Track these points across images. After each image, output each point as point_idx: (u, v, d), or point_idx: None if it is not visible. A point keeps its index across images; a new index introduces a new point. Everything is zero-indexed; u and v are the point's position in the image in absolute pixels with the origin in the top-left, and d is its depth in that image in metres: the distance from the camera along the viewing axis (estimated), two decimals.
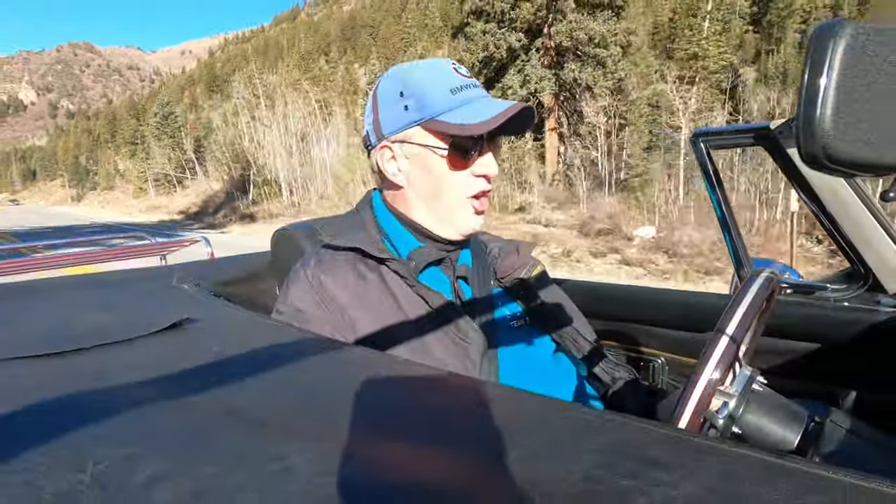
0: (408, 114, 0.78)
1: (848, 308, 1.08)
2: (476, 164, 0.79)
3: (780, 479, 0.31)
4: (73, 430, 0.37)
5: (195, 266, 1.27)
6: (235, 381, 0.47)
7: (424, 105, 0.76)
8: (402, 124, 0.79)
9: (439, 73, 0.79)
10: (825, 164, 0.35)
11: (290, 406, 0.43)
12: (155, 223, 26.25)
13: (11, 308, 0.81)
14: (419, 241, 0.82)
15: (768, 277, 0.64)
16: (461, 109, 0.76)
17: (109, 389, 0.46)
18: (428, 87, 0.77)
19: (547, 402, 0.44)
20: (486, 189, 0.81)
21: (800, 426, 0.62)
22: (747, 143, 1.17)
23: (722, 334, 0.57)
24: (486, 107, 0.75)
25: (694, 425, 0.54)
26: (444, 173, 0.79)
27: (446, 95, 0.76)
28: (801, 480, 0.31)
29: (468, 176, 0.79)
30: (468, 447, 0.37)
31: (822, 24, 0.34)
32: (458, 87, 0.77)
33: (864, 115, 0.34)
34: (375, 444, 0.37)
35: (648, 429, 0.38)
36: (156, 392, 0.45)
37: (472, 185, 0.80)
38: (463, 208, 0.80)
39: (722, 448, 0.35)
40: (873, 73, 0.33)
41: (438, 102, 0.76)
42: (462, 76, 0.79)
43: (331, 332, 0.75)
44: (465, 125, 0.74)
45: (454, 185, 0.79)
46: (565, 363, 0.88)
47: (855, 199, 1.04)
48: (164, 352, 0.56)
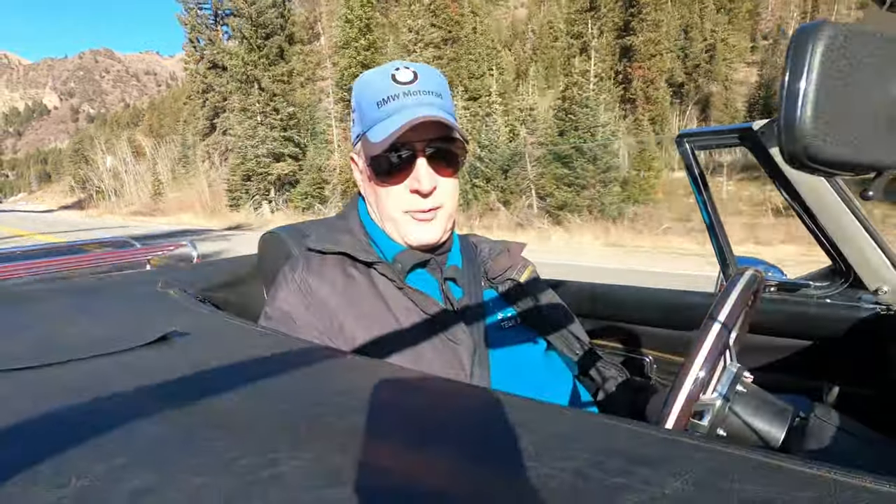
0: (355, 127, 0.81)
1: (830, 305, 1.10)
2: (409, 178, 0.76)
3: (768, 476, 0.31)
4: (55, 444, 0.37)
5: (180, 271, 1.25)
6: (223, 391, 0.46)
7: (361, 118, 0.78)
8: (354, 137, 0.81)
9: (376, 82, 0.77)
10: (806, 163, 0.36)
11: (278, 414, 0.43)
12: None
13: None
14: (401, 245, 0.82)
15: (753, 275, 0.65)
16: (382, 124, 0.74)
17: (94, 402, 0.45)
18: (362, 100, 0.78)
19: (538, 406, 0.44)
20: (422, 206, 0.77)
21: (785, 422, 0.63)
22: (731, 144, 1.19)
23: (714, 321, 0.58)
24: (399, 119, 0.72)
25: (683, 420, 0.55)
26: (379, 188, 0.78)
27: (373, 109, 0.76)
28: (787, 476, 0.31)
29: (402, 191, 0.77)
30: (458, 452, 0.37)
31: (802, 26, 0.35)
32: (384, 99, 0.75)
33: (843, 116, 0.34)
34: (365, 450, 0.36)
35: (638, 430, 0.38)
36: (142, 404, 0.44)
37: (405, 201, 0.77)
38: (405, 223, 0.78)
39: (710, 446, 0.35)
40: (851, 74, 0.34)
41: (367, 117, 0.76)
42: (398, 84, 0.75)
43: (319, 336, 0.74)
44: (373, 144, 0.74)
45: (389, 200, 0.78)
46: (557, 363, 0.89)
47: (836, 197, 1.06)
48: (150, 363, 0.55)
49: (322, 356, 0.59)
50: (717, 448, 0.35)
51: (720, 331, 0.57)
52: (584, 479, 0.32)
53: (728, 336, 0.58)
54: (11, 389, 0.48)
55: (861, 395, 1.00)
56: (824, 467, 0.32)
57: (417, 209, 0.77)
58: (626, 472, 0.32)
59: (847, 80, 0.34)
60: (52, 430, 0.40)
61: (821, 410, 0.73)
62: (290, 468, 0.33)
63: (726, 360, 0.65)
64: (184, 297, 0.87)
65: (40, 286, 0.98)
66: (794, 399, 0.75)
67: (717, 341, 0.57)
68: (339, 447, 0.36)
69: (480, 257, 0.92)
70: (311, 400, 0.46)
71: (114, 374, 0.51)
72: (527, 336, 0.87)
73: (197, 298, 0.90)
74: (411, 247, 0.80)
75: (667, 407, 0.54)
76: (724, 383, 0.63)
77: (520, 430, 0.38)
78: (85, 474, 0.33)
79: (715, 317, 0.58)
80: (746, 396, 0.64)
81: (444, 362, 0.73)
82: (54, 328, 0.73)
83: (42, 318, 0.80)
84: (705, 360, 0.56)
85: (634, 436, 0.38)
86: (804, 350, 1.09)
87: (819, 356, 1.07)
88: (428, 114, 0.72)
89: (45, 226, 24.20)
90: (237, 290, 1.16)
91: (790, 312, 1.11)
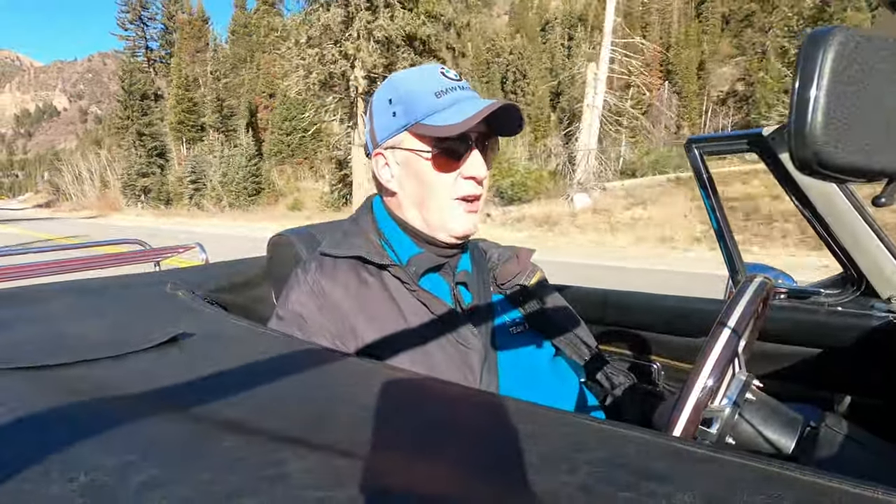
0: (396, 120, 0.79)
1: (842, 313, 1.09)
2: (464, 166, 0.79)
3: (777, 488, 0.31)
4: (65, 441, 0.37)
5: (189, 272, 1.27)
6: (231, 393, 0.47)
7: (410, 110, 0.77)
8: (391, 131, 0.80)
9: (425, 77, 0.80)
10: (817, 170, 0.36)
11: (285, 416, 0.43)
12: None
13: (6, 315, 0.80)
14: (418, 247, 0.82)
15: (763, 281, 0.64)
16: (445, 112, 0.76)
17: (103, 401, 0.46)
18: (413, 92, 0.78)
19: (545, 412, 0.44)
20: (476, 193, 0.81)
21: (795, 432, 0.62)
22: (741, 150, 1.18)
23: (723, 326, 0.57)
24: (470, 106, 0.75)
25: (691, 428, 0.54)
26: (432, 176, 0.79)
27: (430, 98, 0.77)
28: (798, 489, 0.31)
29: (457, 178, 0.79)
30: (466, 459, 0.37)
31: (813, 32, 0.34)
32: (442, 90, 0.77)
33: (855, 122, 0.34)
34: (372, 454, 0.37)
35: (646, 439, 0.38)
36: (151, 403, 0.45)
37: (460, 188, 0.80)
38: (452, 210, 0.80)
39: (718, 457, 0.35)
40: (863, 79, 0.34)
41: (423, 106, 0.77)
42: (449, 79, 0.79)
43: (331, 339, 0.74)
44: (446, 126, 0.74)
45: (442, 188, 0.79)
46: (564, 369, 0.88)
47: (847, 204, 1.05)
48: (159, 365, 0.56)
49: (330, 359, 0.59)
50: (727, 459, 0.35)
51: (730, 336, 0.56)
52: (589, 494, 0.31)
53: (737, 343, 0.58)
54: (26, 387, 0.48)
55: (872, 405, 0.98)
56: (835, 479, 0.31)
57: (470, 194, 0.80)
58: (633, 486, 0.32)
59: (859, 86, 0.34)
60: (63, 427, 0.40)
61: (831, 420, 0.72)
62: (295, 469, 0.34)
63: (735, 368, 0.64)
64: (192, 299, 0.88)
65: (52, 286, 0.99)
66: (804, 408, 0.74)
67: (726, 348, 0.56)
68: (344, 450, 0.37)
69: (490, 262, 0.92)
70: (319, 403, 0.46)
71: (123, 376, 0.52)
72: (535, 341, 0.87)
73: (205, 300, 0.90)
74: (451, 237, 0.81)
75: (675, 413, 0.54)
76: (733, 391, 0.62)
77: (525, 439, 0.38)
78: (93, 469, 0.33)
79: (725, 322, 0.58)
80: (756, 405, 0.63)
81: (454, 366, 0.73)
82: (66, 328, 0.74)
83: (54, 317, 0.81)
84: (714, 367, 0.55)
85: (642, 445, 0.37)
86: (814, 358, 1.07)
87: (829, 365, 1.05)
88: (498, 101, 0.76)
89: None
90: (245, 292, 1.17)
91: (800, 320, 1.10)
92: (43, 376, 0.51)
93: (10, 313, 0.81)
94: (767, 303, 0.72)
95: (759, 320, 0.74)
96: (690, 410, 0.54)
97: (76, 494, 0.31)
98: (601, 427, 0.40)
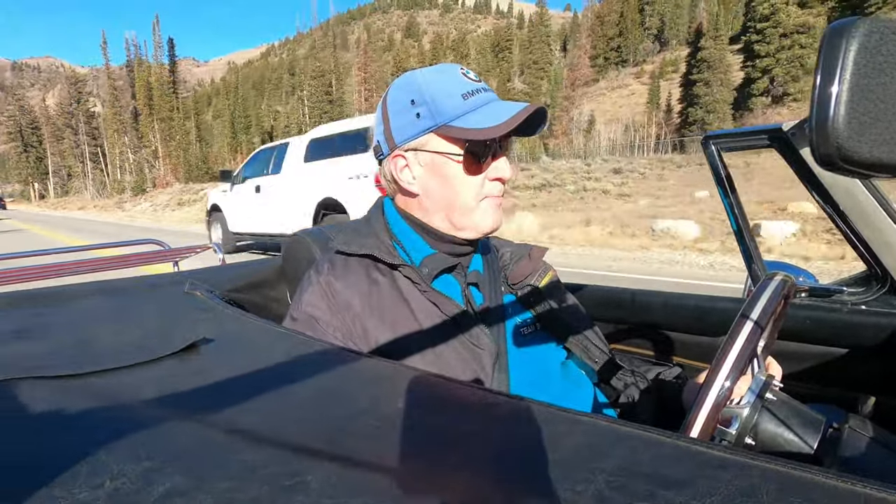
0: (420, 121, 0.77)
1: (865, 311, 1.06)
2: (490, 168, 0.79)
3: (800, 492, 0.30)
4: (91, 446, 0.38)
5: (206, 272, 1.29)
6: (250, 398, 0.47)
7: (437, 111, 0.76)
8: (415, 132, 0.78)
9: (450, 78, 0.79)
10: (840, 165, 0.34)
11: (306, 422, 0.43)
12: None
13: (34, 317, 0.82)
14: (432, 248, 0.82)
15: (784, 279, 0.63)
16: (474, 114, 0.75)
17: (127, 406, 0.47)
18: (440, 93, 0.76)
19: (559, 414, 0.44)
20: (501, 192, 0.81)
21: (817, 433, 0.61)
22: (760, 145, 1.16)
23: (746, 319, 0.56)
24: (499, 109, 0.75)
25: (710, 427, 0.53)
26: (460, 179, 0.78)
27: (458, 101, 0.76)
28: (820, 493, 0.30)
29: (483, 180, 0.79)
30: (481, 466, 0.36)
31: (835, 23, 0.33)
32: (469, 92, 0.77)
33: (880, 115, 0.33)
34: (391, 462, 0.37)
35: (662, 441, 0.37)
36: (171, 411, 0.45)
37: (487, 189, 0.80)
38: (481, 208, 0.80)
39: (737, 460, 0.34)
40: (888, 71, 0.33)
41: (451, 108, 0.75)
42: (471, 80, 0.79)
43: (342, 338, 0.75)
44: (480, 129, 0.74)
45: (470, 189, 0.79)
46: (576, 370, 0.88)
47: (871, 199, 1.02)
48: (182, 370, 0.56)
49: (349, 360, 0.60)
50: (746, 462, 0.34)
51: (750, 334, 0.55)
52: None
53: (757, 340, 0.57)
54: (54, 394, 0.50)
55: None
56: (859, 482, 0.30)
57: (496, 194, 0.81)
58: (650, 495, 0.31)
59: (883, 79, 0.33)
60: (89, 434, 0.41)
61: (855, 421, 0.70)
62: (315, 478, 0.34)
63: (754, 368, 0.63)
64: (210, 299, 0.90)
65: (74, 287, 1.02)
66: (827, 409, 0.72)
67: (746, 345, 0.55)
68: (364, 459, 0.37)
69: (501, 262, 0.91)
70: (338, 409, 0.46)
71: (147, 382, 0.53)
72: (546, 342, 0.86)
73: (223, 300, 0.92)
74: (480, 233, 0.82)
75: (694, 412, 0.53)
76: (752, 390, 0.61)
77: (539, 445, 0.38)
78: (119, 476, 0.34)
79: (747, 315, 0.56)
80: (776, 404, 0.62)
81: (467, 367, 0.73)
82: (88, 331, 0.76)
83: (77, 320, 0.83)
84: (734, 365, 0.54)
85: (658, 449, 0.36)
86: (837, 358, 1.05)
87: (853, 365, 1.03)
88: (534, 105, 0.76)
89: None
90: (261, 291, 1.18)
91: (823, 319, 1.07)
92: (71, 384, 0.52)
93: (41, 314, 0.84)
94: (788, 301, 0.70)
95: (779, 319, 0.72)
96: (710, 409, 0.53)
97: (102, 501, 0.31)
98: (615, 429, 0.40)
